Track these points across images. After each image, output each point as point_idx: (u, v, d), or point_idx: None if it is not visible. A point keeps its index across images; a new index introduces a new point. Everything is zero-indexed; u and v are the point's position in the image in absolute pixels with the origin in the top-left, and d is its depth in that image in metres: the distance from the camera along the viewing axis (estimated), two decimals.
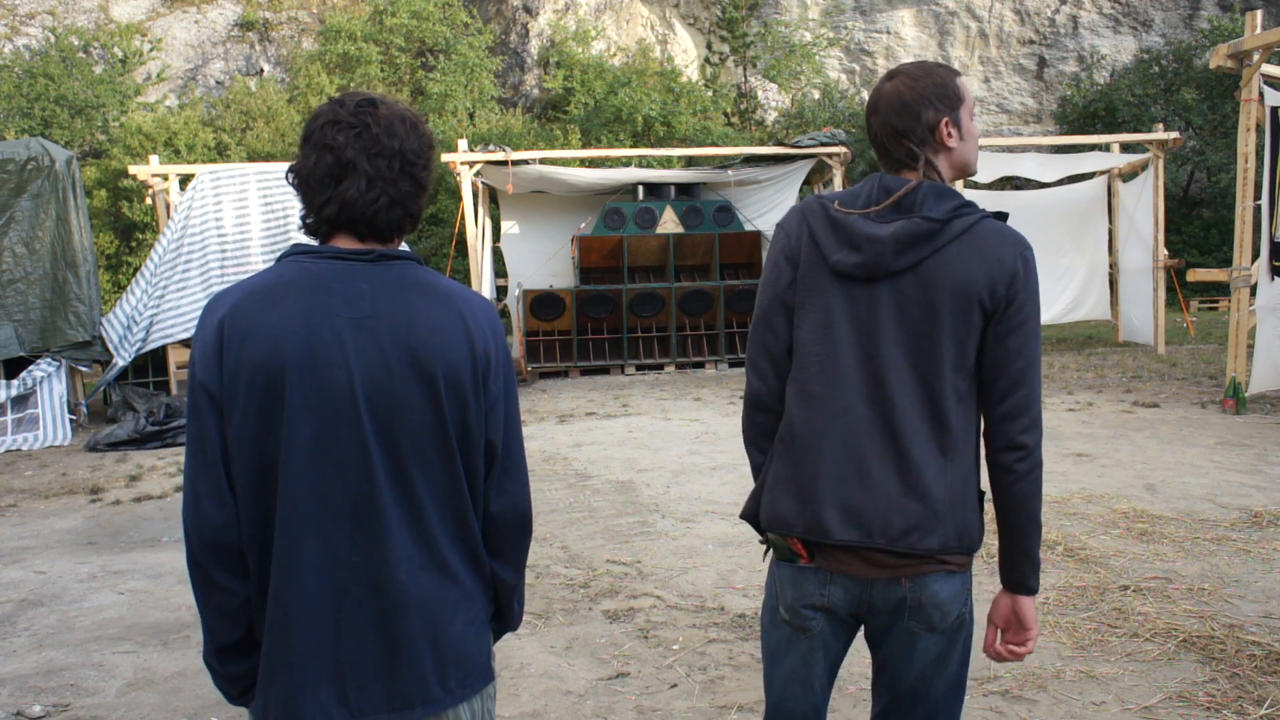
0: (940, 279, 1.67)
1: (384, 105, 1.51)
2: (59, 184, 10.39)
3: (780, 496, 1.75)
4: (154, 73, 26.60)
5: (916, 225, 1.67)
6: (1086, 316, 15.03)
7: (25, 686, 3.55)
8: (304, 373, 1.42)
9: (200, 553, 1.45)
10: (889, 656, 1.78)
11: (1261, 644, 3.36)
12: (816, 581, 1.73)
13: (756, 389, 1.82)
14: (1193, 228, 25.32)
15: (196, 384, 1.44)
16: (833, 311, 1.72)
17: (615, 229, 13.96)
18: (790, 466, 1.75)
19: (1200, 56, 25.35)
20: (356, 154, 1.46)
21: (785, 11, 30.09)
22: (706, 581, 4.37)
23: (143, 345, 10.98)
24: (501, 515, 1.58)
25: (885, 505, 1.67)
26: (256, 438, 1.43)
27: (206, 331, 1.44)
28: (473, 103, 26.52)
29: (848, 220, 1.72)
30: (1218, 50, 8.57)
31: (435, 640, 1.50)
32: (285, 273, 1.47)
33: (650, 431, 8.63)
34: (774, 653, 1.83)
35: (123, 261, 21.69)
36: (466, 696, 1.54)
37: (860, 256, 1.69)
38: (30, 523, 6.31)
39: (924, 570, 1.69)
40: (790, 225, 1.80)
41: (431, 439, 1.48)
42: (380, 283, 1.48)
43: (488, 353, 1.52)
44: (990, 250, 1.69)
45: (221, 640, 1.51)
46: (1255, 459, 6.44)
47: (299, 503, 1.43)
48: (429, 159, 1.54)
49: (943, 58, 30.28)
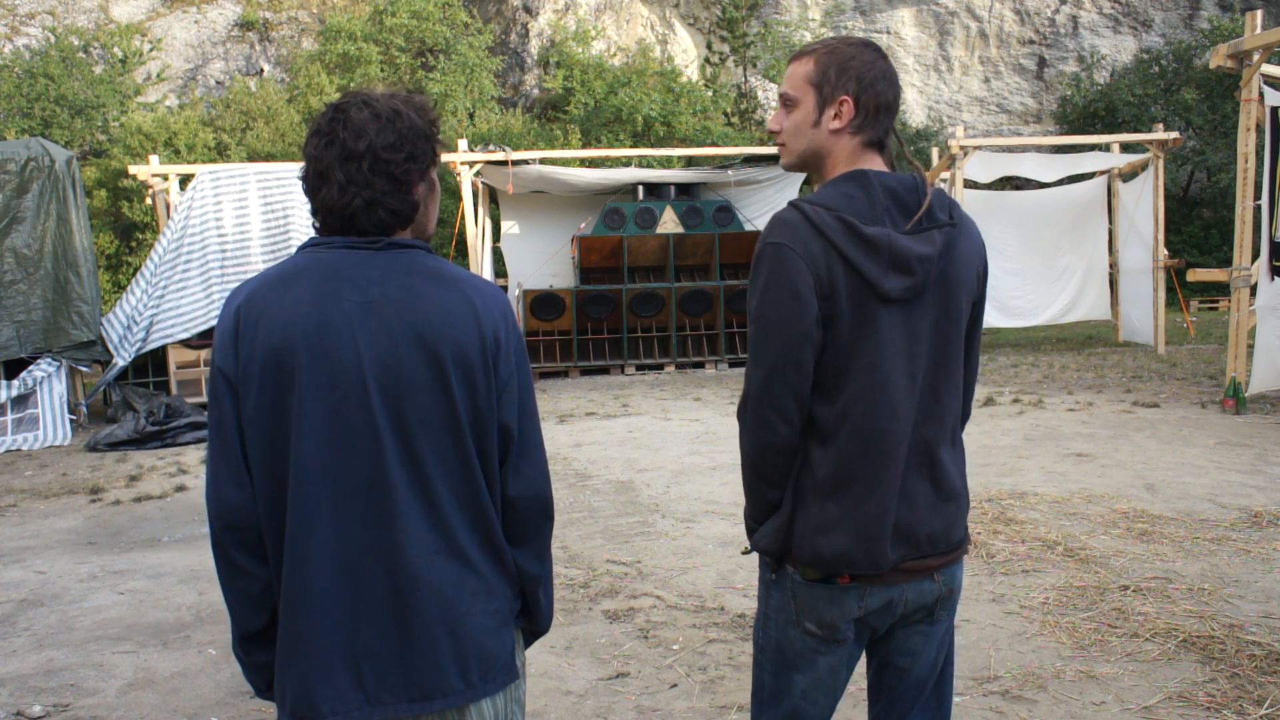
0: (958, 281, 1.65)
1: (360, 108, 1.51)
2: (59, 184, 10.40)
3: (837, 538, 1.63)
4: (154, 73, 26.58)
5: (948, 235, 1.63)
6: (1085, 316, 15.04)
7: (25, 686, 3.55)
8: (313, 354, 1.45)
9: (222, 534, 1.50)
10: (906, 650, 1.77)
11: (1261, 644, 3.36)
12: (855, 597, 1.69)
13: (785, 434, 1.64)
14: (1193, 228, 25.31)
15: (215, 370, 1.50)
16: (879, 340, 1.60)
17: (615, 229, 13.96)
18: (844, 507, 1.63)
19: (1200, 56, 25.35)
20: (330, 163, 1.50)
21: (785, 11, 30.08)
22: (706, 581, 4.37)
23: (143, 345, 10.98)
24: (520, 499, 1.58)
25: (929, 516, 1.67)
26: (270, 419, 1.47)
27: (225, 319, 1.50)
28: (473, 103, 26.51)
29: (890, 240, 1.58)
30: (1218, 50, 8.57)
31: (453, 629, 1.49)
32: (300, 262, 1.52)
33: (650, 431, 8.63)
34: (794, 662, 1.76)
35: (123, 261, 21.67)
36: (489, 692, 1.53)
37: (913, 279, 1.59)
38: (30, 523, 6.31)
39: (951, 561, 1.73)
40: (808, 250, 1.57)
41: (442, 422, 1.49)
42: (389, 269, 1.51)
43: (497, 335, 1.53)
44: (975, 239, 1.70)
45: (246, 627, 1.55)
46: (1255, 459, 6.44)
47: (311, 482, 1.46)
48: (412, 150, 1.52)
49: (943, 58, 30.30)
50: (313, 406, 1.45)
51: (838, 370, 1.62)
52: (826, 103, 1.64)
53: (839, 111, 1.64)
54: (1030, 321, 14.82)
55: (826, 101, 1.64)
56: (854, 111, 1.63)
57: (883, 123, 1.65)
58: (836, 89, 1.63)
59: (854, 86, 1.63)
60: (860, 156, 1.66)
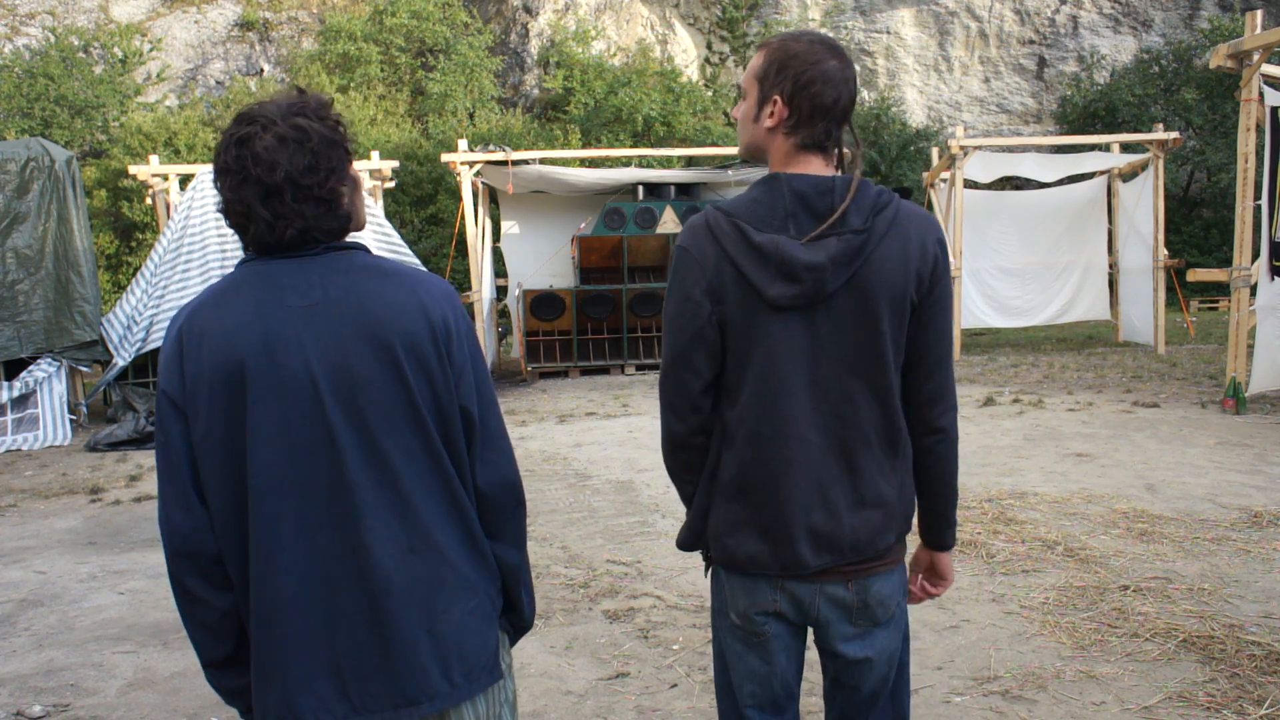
0: (875, 286, 1.59)
1: (261, 135, 1.43)
2: (59, 184, 10.40)
3: (745, 540, 1.69)
4: (154, 73, 26.58)
5: (849, 242, 1.57)
6: (1084, 316, 15.05)
7: (25, 686, 3.56)
8: (260, 362, 1.43)
9: (173, 562, 1.47)
10: (838, 657, 1.77)
11: (1261, 644, 3.36)
12: (770, 588, 1.71)
13: (678, 430, 1.72)
14: (1193, 228, 25.32)
15: (160, 392, 1.47)
16: (773, 345, 1.61)
17: (615, 229, 13.96)
18: (749, 510, 1.68)
19: (1200, 56, 25.35)
20: (250, 202, 1.44)
21: (785, 11, 30.08)
22: (706, 582, 4.37)
23: (143, 345, 10.97)
24: (490, 488, 1.57)
25: (850, 522, 1.66)
26: (223, 436, 1.44)
27: (168, 342, 1.48)
28: (473, 103, 26.51)
29: (777, 247, 1.56)
30: (1218, 50, 8.57)
31: (431, 628, 1.47)
32: (238, 276, 1.50)
33: (650, 431, 8.63)
34: (727, 655, 1.81)
35: (123, 261, 21.66)
36: (473, 692, 1.51)
37: (799, 288, 1.57)
38: (30, 523, 6.31)
39: (870, 571, 1.70)
40: (702, 254, 1.62)
41: (402, 415, 1.47)
42: (329, 271, 1.48)
43: (446, 321, 1.51)
44: (913, 240, 1.61)
45: (209, 656, 1.53)
46: (1255, 459, 6.44)
47: (271, 493, 1.43)
48: (330, 164, 1.46)
49: (943, 58, 30.30)
50: (266, 417, 1.43)
51: (737, 375, 1.65)
52: (764, 100, 1.64)
53: (772, 109, 1.63)
54: (1029, 321, 14.83)
55: (764, 99, 1.64)
56: (786, 112, 1.61)
57: (819, 125, 1.61)
58: (773, 87, 1.62)
59: (788, 87, 1.60)
60: (795, 158, 1.64)
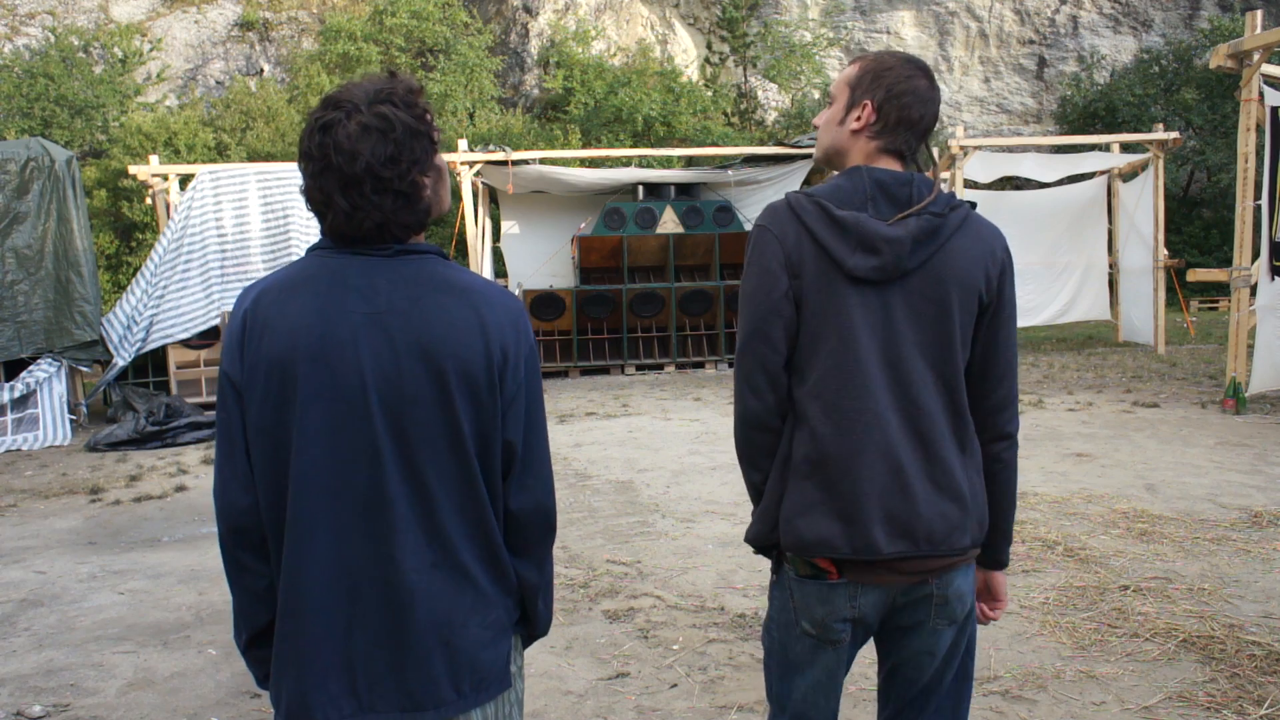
0: (949, 273, 1.66)
1: (345, 122, 1.41)
2: (59, 184, 10.39)
3: (817, 520, 1.66)
4: (154, 73, 26.57)
5: (929, 222, 1.65)
6: (1084, 317, 15.04)
7: (25, 686, 3.56)
8: (316, 365, 1.44)
9: (227, 536, 1.51)
10: (907, 655, 1.77)
11: (1261, 644, 3.36)
12: (846, 595, 1.69)
13: (754, 407, 1.71)
14: (1193, 228, 25.30)
15: (222, 372, 1.50)
16: (851, 318, 1.65)
17: (615, 229, 13.95)
18: (823, 488, 1.66)
19: (1200, 56, 25.34)
20: (329, 190, 1.44)
21: (785, 11, 30.06)
22: (706, 581, 4.37)
23: (143, 345, 10.98)
24: (523, 512, 1.57)
25: (927, 511, 1.65)
26: (272, 428, 1.46)
27: (233, 323, 1.50)
28: (473, 103, 26.50)
29: (858, 221, 1.64)
30: (1218, 50, 8.57)
31: (448, 641, 1.49)
32: (308, 267, 1.50)
33: (650, 431, 8.63)
34: (796, 664, 1.77)
35: (123, 261, 21.65)
36: (481, 701, 1.53)
37: (879, 259, 1.63)
38: (30, 523, 6.31)
39: (951, 566, 1.71)
40: (782, 230, 1.68)
41: (444, 437, 1.47)
42: (397, 278, 1.47)
43: (505, 349, 1.49)
44: (984, 241, 1.70)
45: (251, 624, 1.56)
46: (1255, 459, 6.44)
47: (310, 495, 1.45)
48: (412, 156, 1.45)
49: (943, 58, 30.29)
50: (313, 419, 1.44)
51: (810, 351, 1.68)
52: (854, 104, 1.74)
53: (860, 114, 1.73)
54: (1029, 321, 14.83)
55: (854, 103, 1.74)
56: (874, 116, 1.72)
57: (903, 134, 1.71)
58: (865, 94, 1.73)
59: (880, 94, 1.71)
60: (876, 159, 1.73)
